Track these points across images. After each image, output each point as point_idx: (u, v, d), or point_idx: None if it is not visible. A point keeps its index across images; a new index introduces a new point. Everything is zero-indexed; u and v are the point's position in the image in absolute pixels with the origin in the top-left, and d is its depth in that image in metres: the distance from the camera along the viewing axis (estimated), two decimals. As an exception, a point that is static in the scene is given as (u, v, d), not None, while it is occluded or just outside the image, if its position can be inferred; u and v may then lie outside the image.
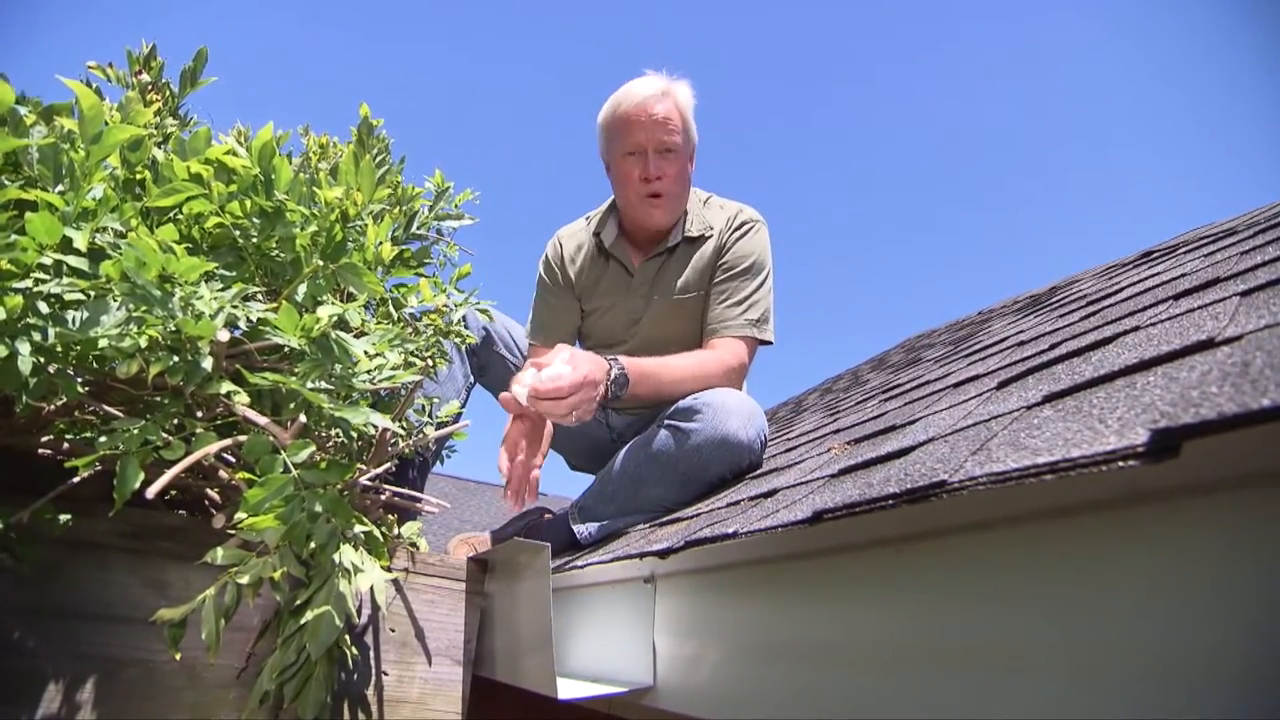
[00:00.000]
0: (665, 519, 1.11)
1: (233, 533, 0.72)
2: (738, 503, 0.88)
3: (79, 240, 0.67)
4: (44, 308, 0.63)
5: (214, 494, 0.92)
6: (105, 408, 0.77)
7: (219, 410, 0.85)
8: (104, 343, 0.65)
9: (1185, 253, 1.31)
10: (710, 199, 1.63)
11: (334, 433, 0.99)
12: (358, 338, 0.87)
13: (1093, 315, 1.04)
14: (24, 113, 0.70)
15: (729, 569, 0.70)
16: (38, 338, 0.62)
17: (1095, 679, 0.36)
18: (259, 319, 0.77)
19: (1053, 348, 0.88)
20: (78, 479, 0.74)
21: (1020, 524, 0.42)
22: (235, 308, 0.75)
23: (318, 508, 0.74)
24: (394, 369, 0.84)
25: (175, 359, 0.71)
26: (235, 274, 0.86)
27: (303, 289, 0.87)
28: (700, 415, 1.18)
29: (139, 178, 0.84)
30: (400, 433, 1.08)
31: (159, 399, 0.81)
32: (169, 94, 1.12)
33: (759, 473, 1.16)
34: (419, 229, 1.31)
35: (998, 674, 0.41)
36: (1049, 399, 0.55)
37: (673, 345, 1.48)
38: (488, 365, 1.66)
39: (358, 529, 0.83)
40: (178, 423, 0.81)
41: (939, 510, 0.47)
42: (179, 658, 0.73)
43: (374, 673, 0.95)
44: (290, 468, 0.73)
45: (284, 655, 0.78)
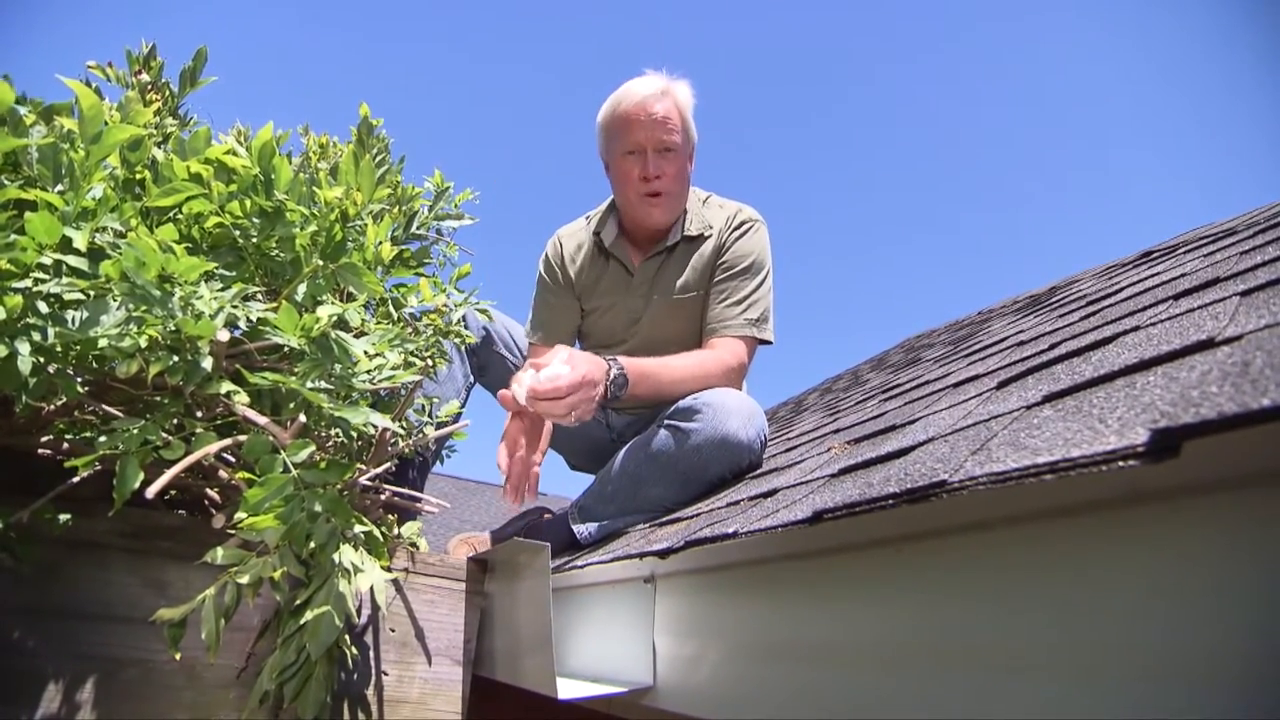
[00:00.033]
0: (665, 519, 1.11)
1: (233, 532, 0.72)
2: (738, 502, 0.88)
3: (79, 240, 0.67)
4: (44, 307, 0.63)
5: (214, 494, 0.92)
6: (105, 407, 0.77)
7: (219, 410, 0.85)
8: (104, 342, 0.65)
9: (1185, 253, 1.31)
10: (710, 198, 1.63)
11: (334, 432, 0.99)
12: (358, 338, 0.87)
13: (1092, 315, 1.04)
14: (24, 112, 0.70)
15: (729, 569, 0.70)
16: (37, 337, 0.62)
17: (1095, 679, 0.36)
18: (259, 319, 0.77)
19: (1053, 348, 0.88)
20: (77, 479, 0.74)
21: (1020, 524, 0.42)
22: (235, 307, 0.75)
23: (317, 507, 0.74)
24: (394, 369, 0.84)
25: (175, 359, 0.71)
26: (235, 274, 0.86)
27: (302, 289, 0.87)
28: (700, 415, 1.18)
29: (139, 177, 0.84)
30: (400, 432, 1.08)
31: (159, 399, 0.81)
32: (169, 94, 1.12)
33: (759, 473, 1.16)
34: (419, 229, 1.31)
35: (998, 674, 0.41)
36: (1049, 399, 0.55)
37: (672, 345, 1.48)
38: (487, 365, 1.66)
39: (358, 529, 0.83)
40: (177, 422, 0.81)
41: (939, 510, 0.47)
42: (179, 657, 0.73)
43: (374, 673, 0.95)
44: (290, 467, 0.73)
45: (284, 655, 0.78)
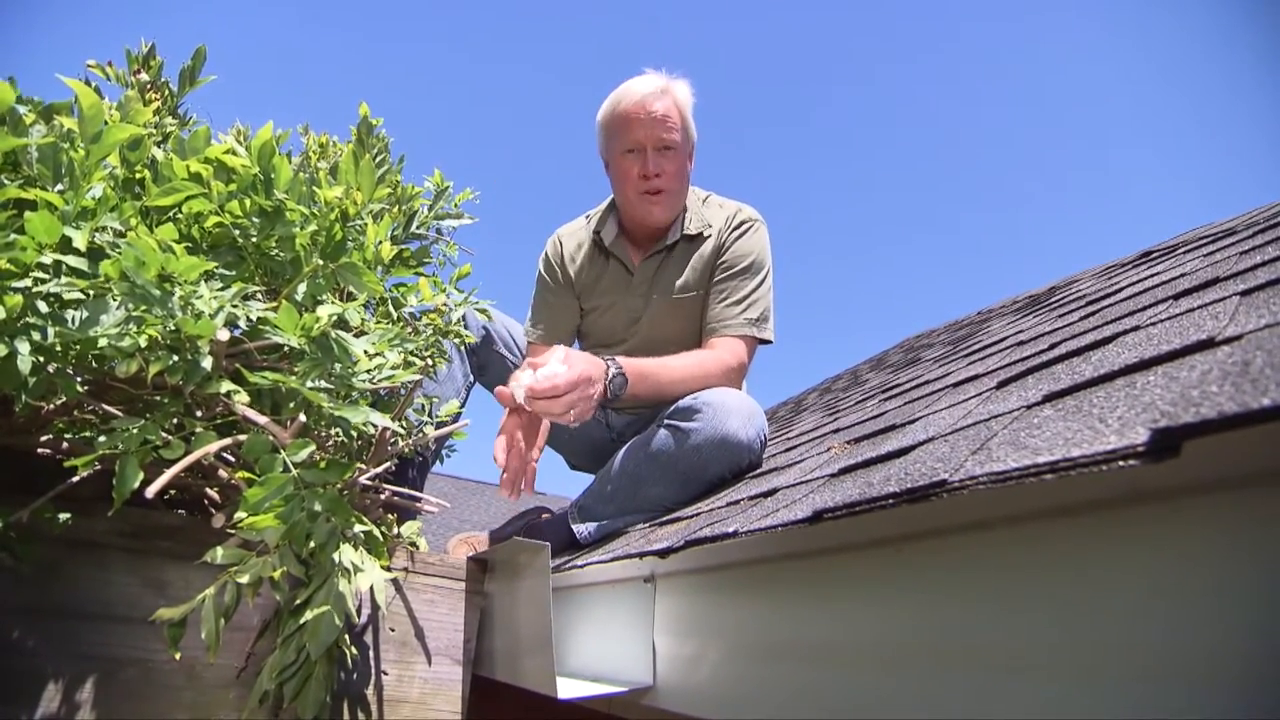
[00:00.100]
0: (665, 518, 1.11)
1: (232, 532, 0.72)
2: (738, 502, 0.88)
3: (78, 240, 0.67)
4: (43, 307, 0.63)
5: (214, 493, 0.92)
6: (105, 407, 0.77)
7: (219, 409, 0.85)
8: (103, 342, 0.65)
9: (1185, 253, 1.31)
10: (709, 197, 1.63)
11: (334, 432, 0.99)
12: (357, 337, 0.87)
13: (1092, 315, 1.04)
14: (24, 112, 0.70)
15: (729, 568, 0.70)
16: (37, 337, 0.62)
17: (1095, 679, 0.36)
18: (259, 318, 0.77)
19: (1052, 347, 0.88)
20: (77, 478, 0.74)
21: (1020, 523, 0.42)
22: (235, 307, 0.75)
23: (317, 507, 0.74)
24: (394, 368, 0.84)
25: (175, 358, 0.71)
26: (235, 273, 0.86)
27: (302, 288, 0.87)
28: (700, 415, 1.18)
29: (138, 177, 0.84)
30: (400, 432, 1.08)
31: (158, 398, 0.81)
32: (168, 93, 1.12)
33: (759, 472, 1.16)
34: (418, 228, 1.31)
35: (998, 674, 0.41)
36: (1049, 398, 0.55)
37: (672, 344, 1.48)
38: (487, 364, 1.66)
39: (357, 528, 0.83)
40: (177, 422, 0.81)
41: (939, 510, 0.47)
42: (178, 657, 0.73)
43: (374, 672, 0.95)
44: (290, 467, 0.73)
45: (284, 655, 0.78)
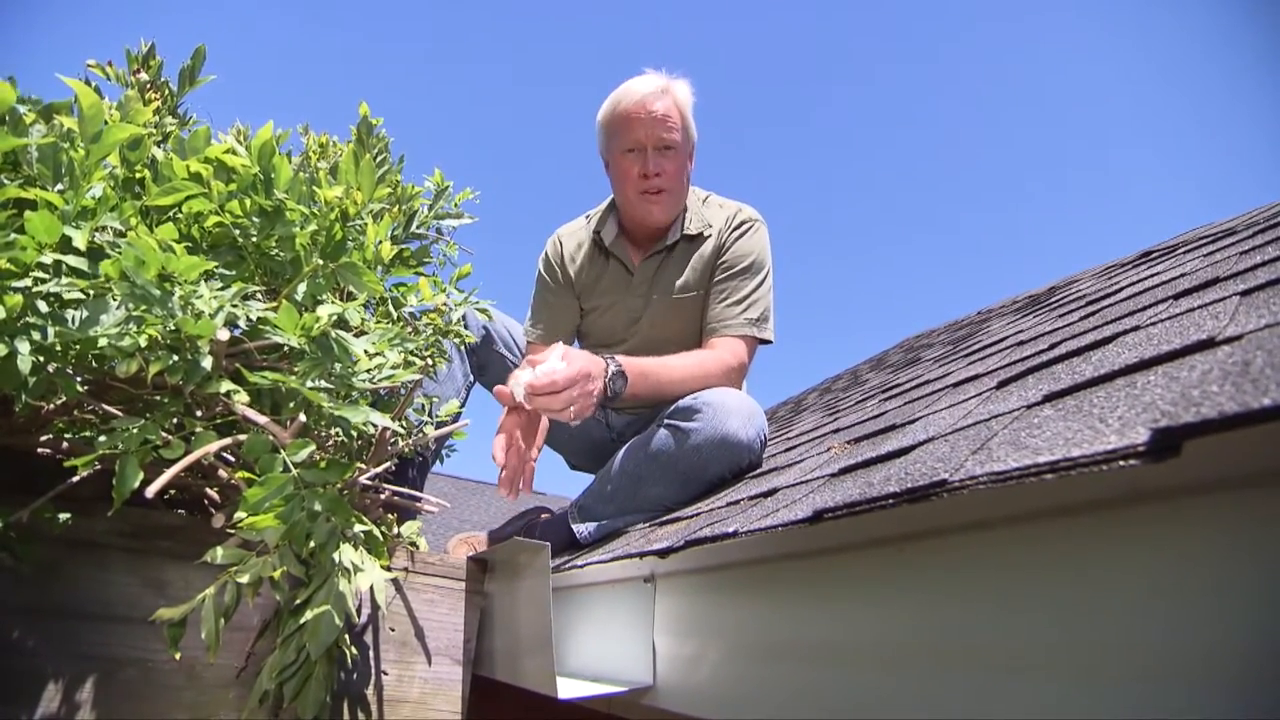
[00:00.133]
0: (665, 518, 1.11)
1: (232, 532, 0.72)
2: (738, 502, 0.88)
3: (78, 239, 0.67)
4: (43, 307, 0.63)
5: (213, 493, 0.92)
6: (105, 407, 0.77)
7: (218, 409, 0.85)
8: (103, 342, 0.65)
9: (1185, 253, 1.31)
10: (709, 197, 1.63)
11: (334, 432, 0.99)
12: (357, 337, 0.87)
13: (1092, 315, 1.04)
14: (24, 111, 0.70)
15: (729, 568, 0.70)
16: (37, 337, 0.62)
17: (1095, 679, 0.36)
18: (259, 318, 0.77)
19: (1052, 347, 0.88)
20: (77, 478, 0.74)
21: (1021, 523, 0.42)
22: (235, 307, 0.74)
23: (317, 507, 0.74)
24: (394, 368, 0.84)
25: (175, 358, 0.71)
26: (235, 273, 0.86)
27: (302, 288, 0.87)
28: (700, 415, 1.18)
29: (138, 176, 0.83)
30: (400, 432, 1.08)
31: (158, 398, 0.81)
32: (168, 93, 1.12)
33: (759, 472, 1.16)
34: (419, 228, 1.31)
35: (998, 674, 0.41)
36: (1049, 398, 0.55)
37: (672, 344, 1.48)
38: (487, 364, 1.66)
39: (357, 528, 0.83)
40: (177, 422, 0.81)
41: (939, 509, 0.47)
42: (178, 657, 0.73)
43: (374, 672, 0.95)
44: (290, 467, 0.73)
45: (284, 655, 0.78)
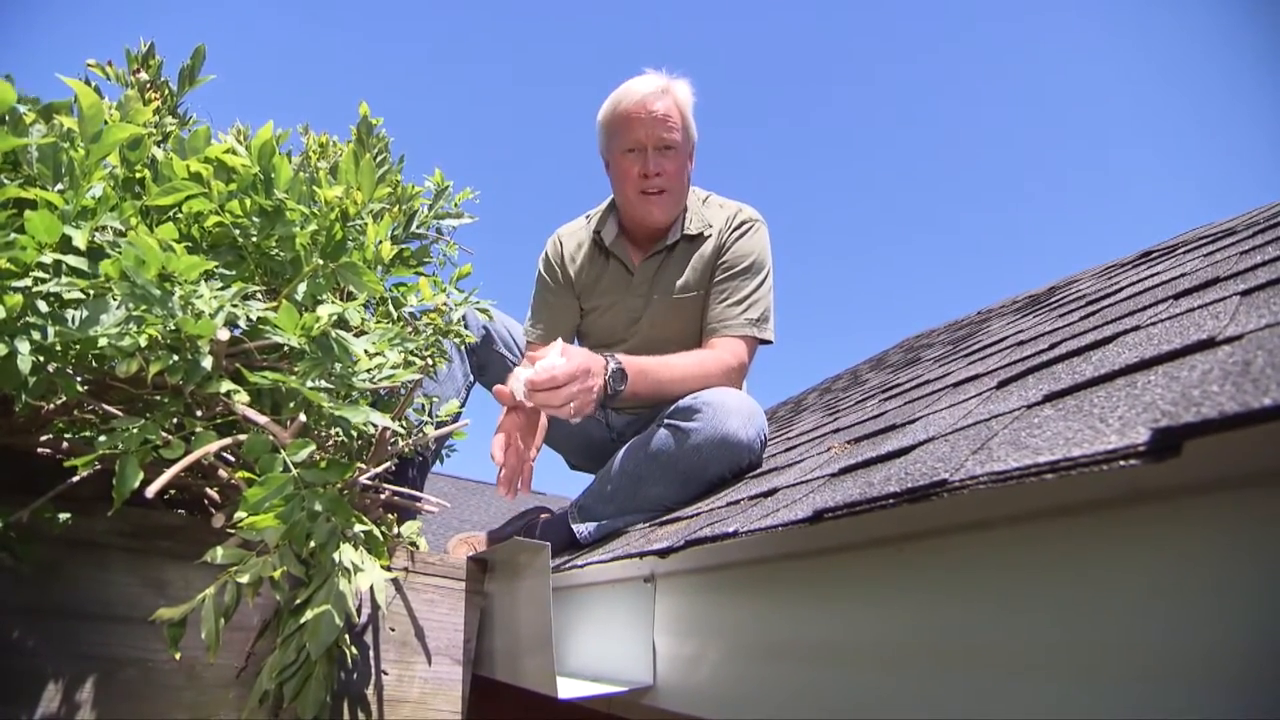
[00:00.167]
0: (665, 518, 1.11)
1: (232, 532, 0.72)
2: (738, 502, 0.88)
3: (78, 239, 0.67)
4: (43, 306, 0.63)
5: (213, 493, 0.92)
6: (105, 407, 0.77)
7: (219, 409, 0.85)
8: (103, 342, 0.65)
9: (1185, 253, 1.31)
10: (710, 197, 1.63)
11: (334, 432, 0.99)
12: (357, 337, 0.87)
13: (1092, 315, 1.04)
14: (24, 111, 0.70)
15: (729, 568, 0.70)
16: (37, 337, 0.62)
17: (1096, 679, 0.36)
18: (259, 318, 0.77)
19: (1052, 347, 0.88)
20: (77, 478, 0.74)
21: (1021, 523, 0.42)
22: (235, 306, 0.74)
23: (317, 507, 0.74)
24: (394, 368, 0.84)
25: (175, 358, 0.71)
26: (235, 273, 0.86)
27: (302, 288, 0.87)
28: (700, 414, 1.18)
29: (138, 176, 0.83)
30: (400, 432, 1.08)
31: (159, 398, 0.81)
32: (168, 92, 1.12)
33: (759, 472, 1.16)
34: (419, 228, 1.31)
35: (998, 674, 0.41)
36: (1049, 398, 0.55)
37: (672, 344, 1.48)
38: (487, 364, 1.66)
39: (357, 528, 0.83)
40: (177, 422, 0.81)
41: (939, 509, 0.47)
42: (178, 657, 0.73)
43: (374, 672, 0.95)
44: (290, 467, 0.73)
45: (284, 654, 0.78)
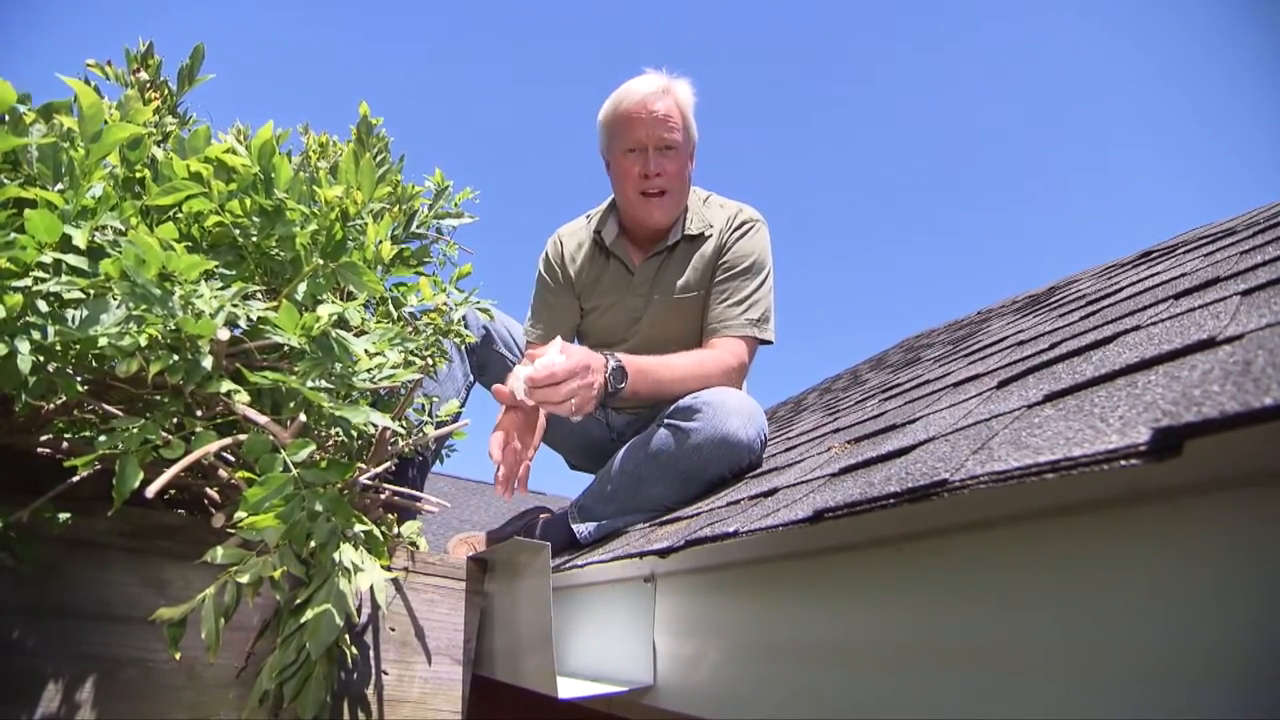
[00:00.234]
0: (665, 518, 1.11)
1: (232, 532, 0.72)
2: (738, 502, 0.88)
3: (78, 238, 0.67)
4: (43, 306, 0.63)
5: (214, 493, 0.92)
6: (105, 406, 0.77)
7: (219, 409, 0.85)
8: (104, 341, 0.65)
9: (1185, 252, 1.31)
10: (710, 198, 1.63)
11: (334, 432, 0.99)
12: (358, 336, 0.87)
13: (1092, 315, 1.04)
14: (24, 111, 0.70)
15: (729, 568, 0.70)
16: (37, 336, 0.62)
17: (1096, 679, 0.36)
18: (259, 318, 0.77)
19: (1053, 347, 0.88)
20: (77, 478, 0.74)
21: (1021, 523, 0.42)
22: (235, 306, 0.74)
23: (318, 507, 0.74)
24: (394, 368, 0.84)
25: (175, 358, 0.71)
26: (235, 273, 0.86)
27: (303, 288, 0.87)
28: (700, 414, 1.18)
29: (139, 176, 0.83)
30: (400, 432, 1.08)
31: (159, 398, 0.81)
32: (167, 92, 1.12)
33: (759, 472, 1.16)
34: (419, 228, 1.31)
35: (998, 674, 0.41)
36: (1050, 398, 0.55)
37: (673, 344, 1.48)
38: (487, 364, 1.66)
39: (358, 528, 0.83)
40: (177, 421, 0.81)
41: (940, 509, 0.47)
42: (178, 657, 0.73)
43: (374, 672, 0.95)
44: (290, 467, 0.73)
45: (284, 654, 0.78)
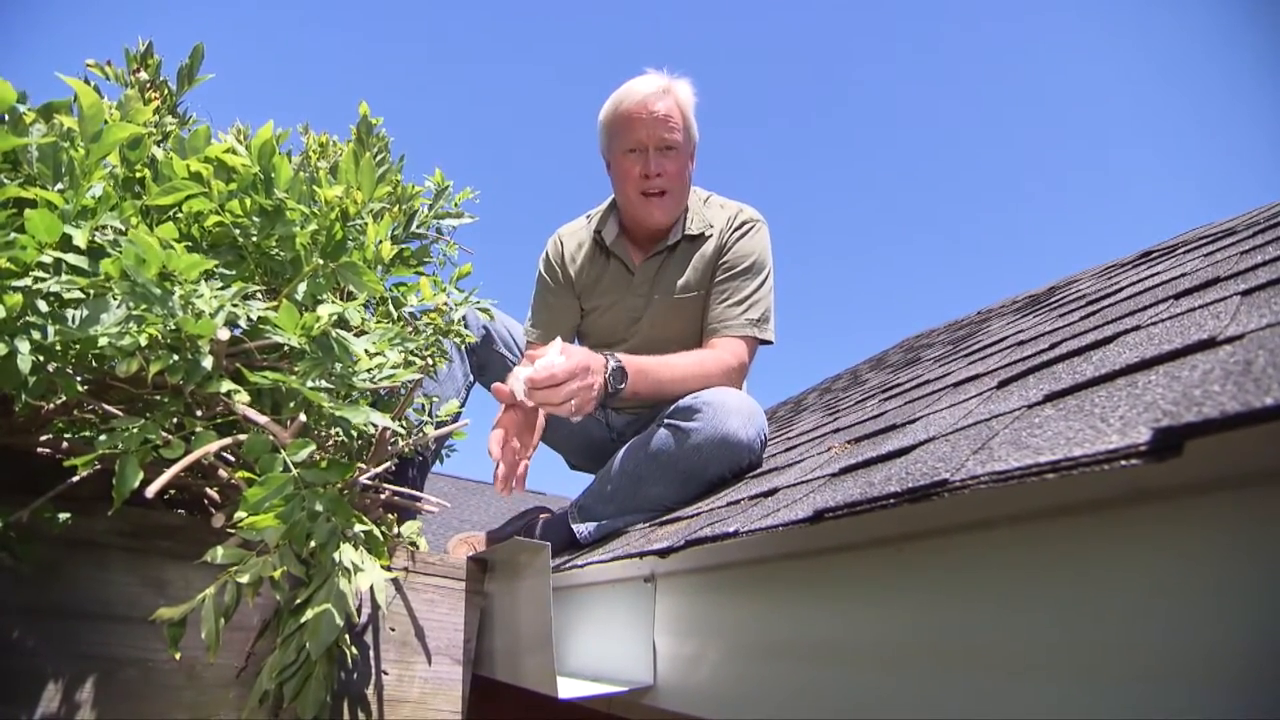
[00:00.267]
0: (665, 518, 1.11)
1: (232, 532, 0.72)
2: (738, 502, 0.88)
3: (79, 238, 0.67)
4: (44, 306, 0.63)
5: (214, 493, 0.92)
6: (105, 406, 0.77)
7: (219, 409, 0.85)
8: (104, 341, 0.65)
9: (1185, 252, 1.31)
10: (710, 198, 1.63)
11: (334, 432, 0.99)
12: (358, 336, 0.87)
13: (1093, 315, 1.04)
14: (23, 111, 0.70)
15: (729, 568, 0.70)
16: (37, 336, 0.62)
17: (1096, 679, 0.36)
18: (259, 317, 0.77)
19: (1053, 347, 0.88)
20: (77, 478, 0.74)
21: (1022, 523, 0.42)
22: (235, 306, 0.74)
23: (318, 507, 0.74)
24: (394, 368, 0.84)
25: (175, 357, 0.71)
26: (235, 272, 0.86)
27: (303, 288, 0.87)
28: (700, 414, 1.18)
29: (139, 176, 0.83)
30: (400, 432, 1.08)
31: (159, 398, 0.81)
32: (167, 92, 1.12)
33: (759, 472, 1.16)
34: (419, 228, 1.31)
35: (998, 674, 0.41)
36: (1050, 398, 0.55)
37: (673, 344, 1.48)
38: (487, 364, 1.65)
39: (358, 528, 0.83)
40: (177, 421, 0.81)
41: (940, 509, 0.47)
42: (178, 657, 0.73)
43: (374, 672, 0.95)
44: (290, 467, 0.73)
45: (284, 654, 0.78)
